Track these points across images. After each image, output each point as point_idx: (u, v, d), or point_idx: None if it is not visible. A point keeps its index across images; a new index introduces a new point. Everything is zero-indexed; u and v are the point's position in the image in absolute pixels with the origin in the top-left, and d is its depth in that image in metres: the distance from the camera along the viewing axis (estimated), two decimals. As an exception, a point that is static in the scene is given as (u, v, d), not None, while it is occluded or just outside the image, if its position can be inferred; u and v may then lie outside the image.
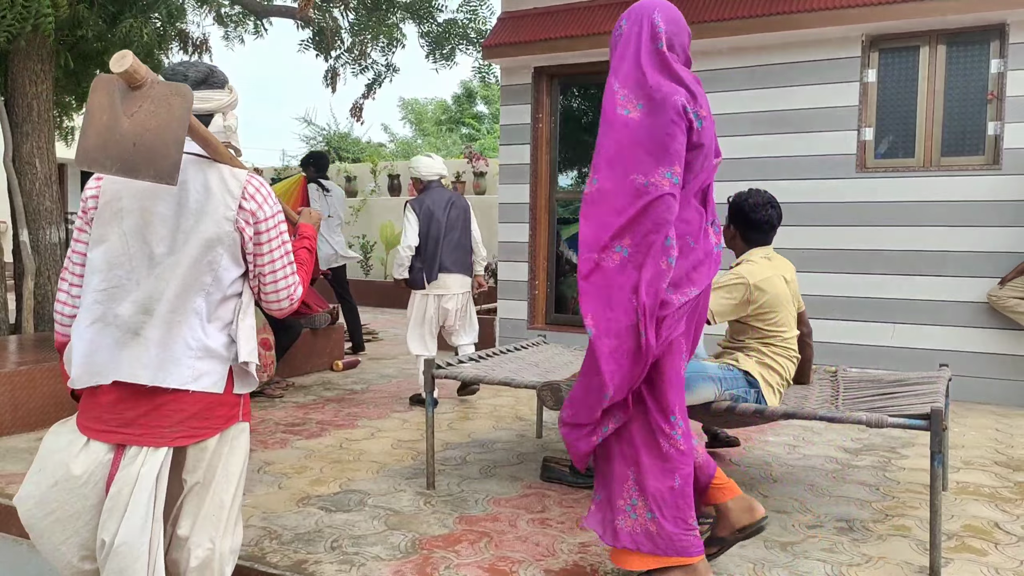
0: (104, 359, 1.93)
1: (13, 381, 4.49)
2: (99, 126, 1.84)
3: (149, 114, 1.83)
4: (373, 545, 2.91)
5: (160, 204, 1.95)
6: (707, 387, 3.13)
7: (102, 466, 1.93)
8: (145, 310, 1.93)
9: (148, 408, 1.93)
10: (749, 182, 5.98)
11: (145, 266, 1.95)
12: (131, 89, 1.84)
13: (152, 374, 1.92)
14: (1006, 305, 5.35)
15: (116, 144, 1.83)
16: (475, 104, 23.67)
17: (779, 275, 3.29)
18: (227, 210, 1.98)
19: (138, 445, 1.93)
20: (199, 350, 1.96)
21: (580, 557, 2.82)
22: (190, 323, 1.95)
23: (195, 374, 1.95)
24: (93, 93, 1.86)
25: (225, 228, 1.98)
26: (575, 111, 7.40)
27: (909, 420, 2.74)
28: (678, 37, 2.48)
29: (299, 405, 5.33)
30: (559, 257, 7.34)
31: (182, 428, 1.96)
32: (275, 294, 2.11)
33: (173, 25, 7.78)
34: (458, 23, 9.38)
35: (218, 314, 2.00)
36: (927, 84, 5.74)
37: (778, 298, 3.22)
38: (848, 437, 4.63)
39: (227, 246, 1.99)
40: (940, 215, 5.65)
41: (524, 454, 4.18)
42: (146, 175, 1.82)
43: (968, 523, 3.22)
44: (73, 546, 1.94)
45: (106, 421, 1.94)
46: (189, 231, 1.95)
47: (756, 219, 3.32)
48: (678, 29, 2.48)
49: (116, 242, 1.96)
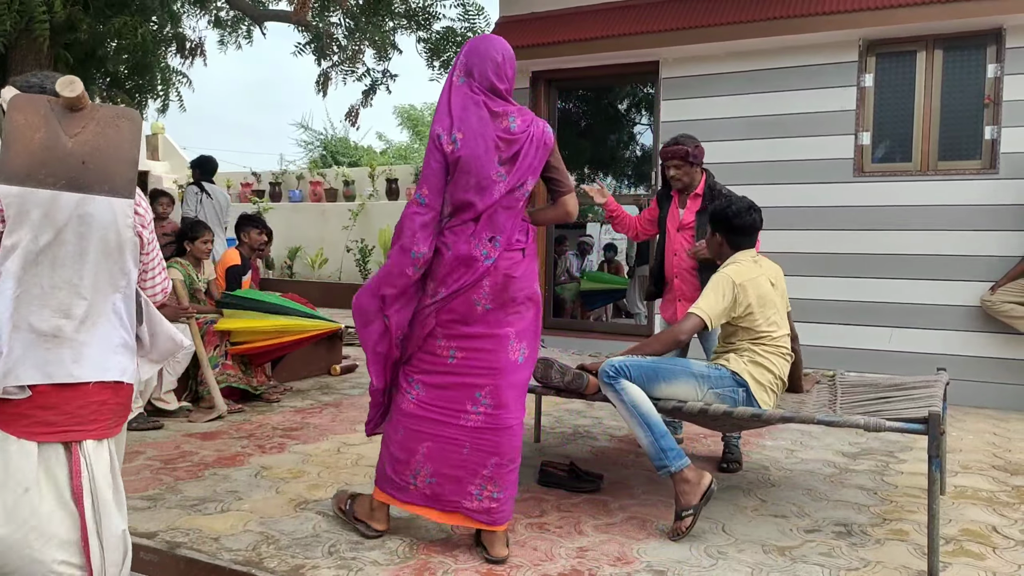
0: (34, 362, 2.01)
1: (10, 386, 4.47)
2: (32, 145, 1.93)
3: (96, 134, 1.98)
4: (371, 550, 2.90)
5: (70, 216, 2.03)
6: (687, 383, 3.15)
7: (63, 465, 2.03)
8: (66, 314, 2.03)
9: (96, 403, 2.08)
10: (747, 186, 6.00)
11: (64, 272, 2.03)
12: (70, 111, 1.97)
13: (90, 372, 2.06)
14: (1000, 310, 5.36)
15: (60, 162, 1.95)
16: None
17: (764, 276, 3.31)
18: (126, 217, 2.11)
19: (94, 439, 2.07)
20: (122, 346, 2.13)
21: (578, 562, 2.82)
22: (112, 322, 2.11)
23: (123, 367, 2.12)
24: (16, 112, 1.93)
25: (129, 234, 2.12)
26: (573, 115, 7.41)
27: (907, 424, 2.74)
28: (478, 66, 2.84)
29: (297, 409, 5.32)
30: (556, 262, 7.35)
31: (117, 419, 2.15)
32: (152, 288, 2.31)
33: (172, 28, 7.80)
34: (456, 31, 9.38)
35: (130, 311, 2.18)
36: (924, 89, 5.76)
37: (764, 298, 3.24)
38: (846, 441, 4.63)
39: (131, 249, 2.14)
40: (937, 219, 5.66)
41: (522, 459, 4.16)
42: (100, 191, 1.98)
43: (966, 527, 3.22)
44: (53, 548, 1.99)
45: (52, 423, 2.02)
46: (100, 239, 2.06)
47: (739, 224, 3.39)
48: (479, 59, 2.85)
49: (30, 250, 1.99)
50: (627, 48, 6.44)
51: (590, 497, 3.54)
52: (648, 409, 3.08)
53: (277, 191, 13.82)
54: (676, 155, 4.12)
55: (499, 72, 2.85)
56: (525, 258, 2.91)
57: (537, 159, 2.84)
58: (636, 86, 7.10)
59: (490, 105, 2.82)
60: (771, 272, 3.38)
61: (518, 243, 2.89)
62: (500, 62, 2.86)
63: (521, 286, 2.88)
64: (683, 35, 6.23)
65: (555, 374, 3.27)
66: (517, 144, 2.81)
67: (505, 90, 2.87)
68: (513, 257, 2.87)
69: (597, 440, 4.62)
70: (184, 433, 4.63)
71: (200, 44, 9.30)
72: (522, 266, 2.89)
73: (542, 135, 2.85)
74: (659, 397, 3.15)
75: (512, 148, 2.80)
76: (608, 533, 3.10)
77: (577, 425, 4.98)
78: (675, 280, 4.19)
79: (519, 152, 2.81)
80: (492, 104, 2.82)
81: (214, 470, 3.89)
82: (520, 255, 2.90)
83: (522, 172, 2.82)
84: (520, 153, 2.81)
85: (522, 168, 2.81)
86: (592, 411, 5.35)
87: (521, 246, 2.90)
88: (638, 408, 3.07)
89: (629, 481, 3.79)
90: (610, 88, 7.23)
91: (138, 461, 4.04)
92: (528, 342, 2.92)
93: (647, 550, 2.93)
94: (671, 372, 3.16)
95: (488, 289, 2.83)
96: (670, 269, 4.23)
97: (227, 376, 5.29)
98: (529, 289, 2.91)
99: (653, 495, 3.57)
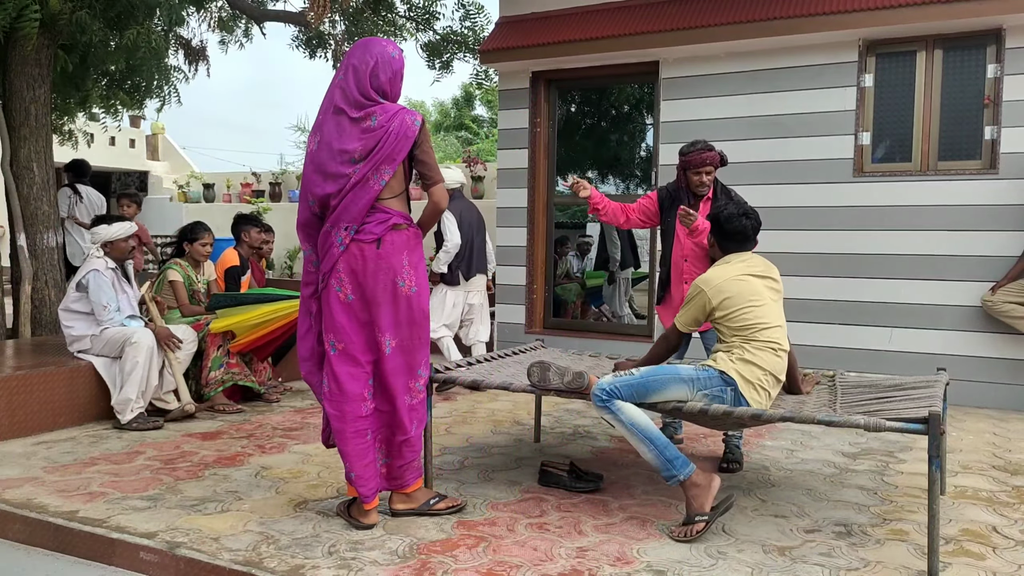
0: None
1: (10, 386, 4.48)
2: None
3: None
4: (371, 550, 2.90)
5: None
6: (678, 390, 3.18)
7: None
8: None
9: None
10: (747, 186, 6.00)
11: None
12: None
13: None
14: (1002, 310, 5.36)
15: None
16: (474, 107, 23.67)
17: (747, 272, 3.32)
18: None
19: None
20: None
21: (578, 562, 2.82)
22: None
23: None
24: None
25: None
26: (573, 115, 7.41)
27: (907, 424, 2.74)
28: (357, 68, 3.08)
29: (297, 410, 5.32)
30: (556, 261, 7.35)
31: None
32: None
33: (172, 31, 7.80)
34: (455, 31, 9.38)
35: None
36: (924, 89, 5.76)
37: (744, 294, 3.25)
38: (846, 441, 4.63)
39: None
40: (937, 219, 5.66)
41: (522, 458, 4.17)
42: None
43: (966, 527, 3.22)
44: None
45: None
46: None
47: (728, 229, 3.44)
48: (358, 60, 3.09)
49: None
50: (627, 48, 6.44)
51: (590, 497, 3.54)
52: (646, 424, 3.10)
53: (277, 191, 13.81)
54: (711, 162, 4.09)
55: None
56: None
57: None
58: (636, 86, 7.10)
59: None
60: (759, 268, 3.39)
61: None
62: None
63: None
64: (683, 35, 6.23)
65: (553, 376, 3.27)
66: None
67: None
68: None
69: (597, 440, 4.62)
70: (184, 433, 4.63)
71: (203, 48, 9.30)
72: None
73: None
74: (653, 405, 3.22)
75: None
76: (608, 533, 3.10)
77: (577, 425, 4.99)
78: (685, 286, 4.13)
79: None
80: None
81: (214, 470, 3.89)
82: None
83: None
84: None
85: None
86: (592, 411, 5.35)
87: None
88: (636, 425, 3.10)
89: (629, 481, 3.79)
90: (610, 88, 7.23)
91: (138, 461, 4.04)
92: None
93: (647, 550, 2.93)
94: (660, 383, 3.18)
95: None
96: (678, 274, 4.21)
97: (232, 375, 5.30)
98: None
99: (653, 495, 3.57)
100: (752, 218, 3.45)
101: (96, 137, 11.44)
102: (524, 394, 4.60)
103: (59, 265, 6.45)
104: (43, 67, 6.23)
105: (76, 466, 3.95)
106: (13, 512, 3.30)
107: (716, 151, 4.11)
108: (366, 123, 3.00)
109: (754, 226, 3.46)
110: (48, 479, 3.73)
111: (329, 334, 3.09)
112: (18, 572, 3.06)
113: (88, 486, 3.62)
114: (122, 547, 2.99)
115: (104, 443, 4.40)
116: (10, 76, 6.18)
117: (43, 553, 3.17)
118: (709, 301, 3.27)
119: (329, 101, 3.11)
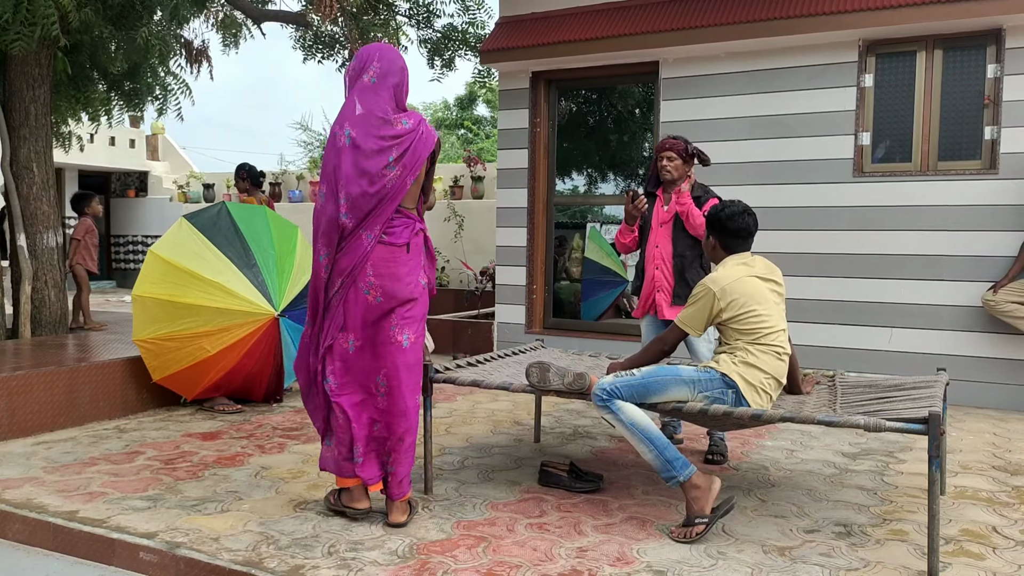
0: None
1: (10, 386, 4.48)
2: None
3: None
4: (371, 550, 2.90)
5: None
6: (678, 391, 3.18)
7: None
8: None
9: None
10: (747, 186, 6.01)
11: None
12: None
13: None
14: (1003, 310, 5.35)
15: None
16: (475, 107, 23.67)
17: (752, 275, 3.31)
18: None
19: None
20: None
21: (578, 562, 2.82)
22: None
23: None
24: None
25: None
26: (573, 116, 7.41)
27: (907, 424, 2.74)
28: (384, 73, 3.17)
29: (297, 410, 5.32)
30: (556, 261, 7.35)
31: None
32: None
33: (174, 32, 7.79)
34: (456, 28, 9.37)
35: None
36: (924, 89, 5.76)
37: (751, 296, 3.23)
38: (846, 441, 4.63)
39: None
40: (937, 219, 5.66)
41: (522, 459, 4.17)
42: None
43: (966, 527, 3.22)
44: None
45: None
46: None
47: (733, 228, 3.41)
48: (370, 63, 3.18)
49: None
50: (627, 48, 6.44)
51: (590, 497, 3.54)
52: (647, 424, 3.10)
53: (277, 191, 13.80)
54: (673, 148, 4.29)
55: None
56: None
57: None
58: (636, 86, 7.10)
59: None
60: (763, 270, 3.38)
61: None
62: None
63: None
64: (683, 35, 6.23)
65: (554, 377, 3.27)
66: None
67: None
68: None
69: (597, 440, 4.62)
70: (184, 433, 4.63)
71: (204, 49, 9.28)
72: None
73: None
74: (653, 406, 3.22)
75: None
76: (608, 533, 3.10)
77: (577, 425, 4.99)
78: (655, 272, 4.31)
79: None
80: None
81: (214, 470, 3.89)
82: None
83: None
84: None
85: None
86: (592, 411, 5.35)
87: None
88: (636, 425, 3.09)
89: (629, 481, 3.79)
90: (610, 88, 7.23)
91: (138, 461, 4.04)
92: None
93: (647, 550, 2.93)
94: (661, 384, 3.17)
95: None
96: (651, 261, 4.34)
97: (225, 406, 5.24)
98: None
99: (653, 495, 3.57)
100: (753, 215, 3.45)
101: (96, 137, 11.43)
102: (524, 394, 4.61)
103: (59, 265, 6.45)
104: (43, 67, 6.23)
105: (76, 466, 3.95)
106: (13, 512, 3.30)
107: (681, 140, 4.28)
108: (398, 127, 3.11)
109: (755, 222, 3.46)
110: (48, 479, 3.73)
111: (349, 333, 3.14)
112: (18, 572, 3.06)
113: (88, 486, 3.62)
114: (122, 547, 2.99)
115: (104, 443, 4.40)
116: (10, 76, 6.18)
117: (43, 553, 3.17)
118: (717, 302, 3.22)
119: (356, 106, 3.13)
